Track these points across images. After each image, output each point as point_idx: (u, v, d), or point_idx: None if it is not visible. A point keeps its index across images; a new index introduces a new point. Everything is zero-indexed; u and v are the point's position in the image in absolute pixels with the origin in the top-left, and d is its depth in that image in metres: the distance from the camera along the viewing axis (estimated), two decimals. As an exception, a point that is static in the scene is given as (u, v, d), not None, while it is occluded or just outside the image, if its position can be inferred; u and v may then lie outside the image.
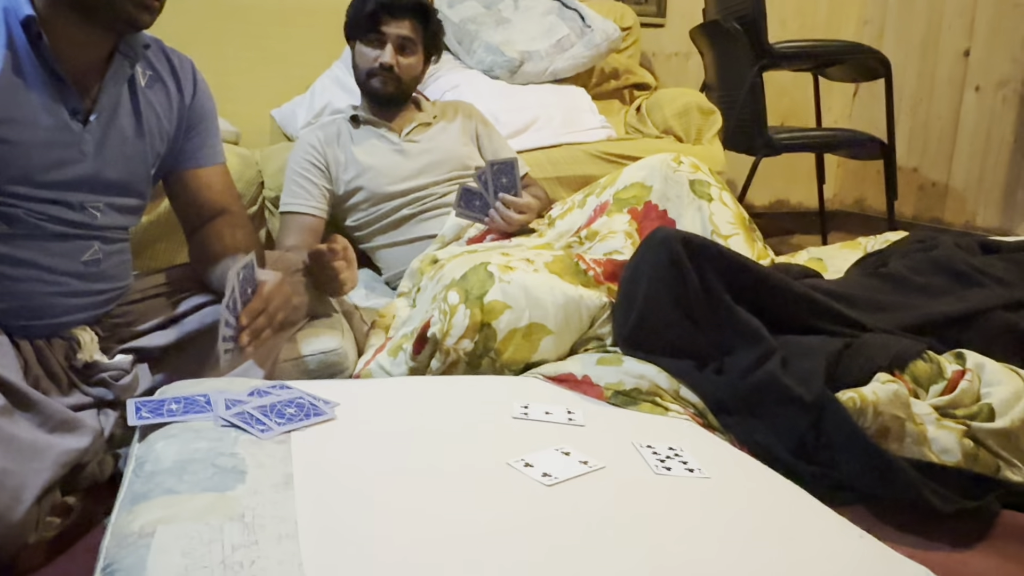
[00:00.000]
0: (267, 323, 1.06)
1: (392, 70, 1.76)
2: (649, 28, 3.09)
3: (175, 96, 1.21)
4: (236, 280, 1.01)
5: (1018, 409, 0.99)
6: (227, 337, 1.01)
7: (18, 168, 1.02)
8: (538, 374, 1.15)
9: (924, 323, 1.16)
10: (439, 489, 0.75)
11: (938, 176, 3.07)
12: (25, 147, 1.02)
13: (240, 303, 1.03)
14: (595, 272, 1.28)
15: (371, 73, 1.77)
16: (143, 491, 0.70)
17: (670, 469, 0.84)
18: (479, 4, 2.52)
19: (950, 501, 0.91)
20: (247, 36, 2.37)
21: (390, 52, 1.75)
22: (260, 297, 1.07)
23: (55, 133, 1.05)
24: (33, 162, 1.03)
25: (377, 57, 1.75)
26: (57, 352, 1.10)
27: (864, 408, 0.96)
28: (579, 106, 2.33)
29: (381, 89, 1.78)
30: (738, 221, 1.47)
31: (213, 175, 1.28)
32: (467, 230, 1.64)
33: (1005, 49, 2.79)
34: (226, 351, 1.01)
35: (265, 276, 1.10)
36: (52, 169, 1.05)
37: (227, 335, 1.01)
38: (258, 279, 1.08)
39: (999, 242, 1.46)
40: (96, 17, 1.03)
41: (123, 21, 1.04)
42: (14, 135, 1.01)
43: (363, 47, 1.77)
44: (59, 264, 1.09)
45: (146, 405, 0.87)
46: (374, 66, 1.76)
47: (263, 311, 1.06)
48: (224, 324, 1.00)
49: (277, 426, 0.85)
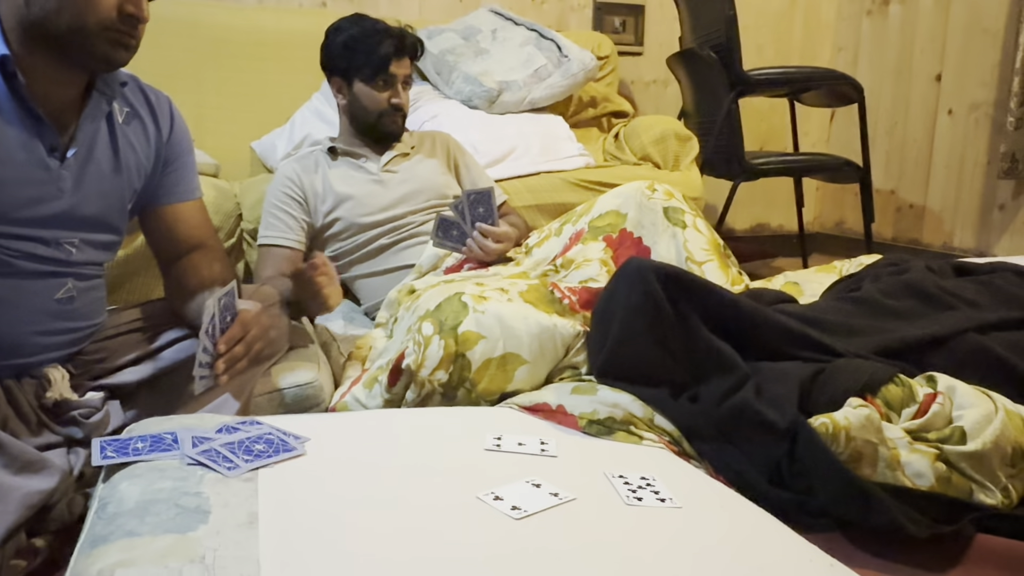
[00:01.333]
0: (244, 352, 1.06)
1: (402, 109, 1.80)
2: (627, 56, 3.13)
3: (152, 132, 1.22)
4: (216, 307, 1.01)
5: (989, 432, 0.99)
6: (203, 363, 1.01)
7: None
8: (513, 404, 1.14)
9: (896, 347, 1.17)
10: (407, 525, 0.75)
11: (915, 198, 3.11)
12: (2, 184, 1.02)
13: (219, 330, 1.03)
14: (570, 300, 1.28)
15: (383, 114, 1.79)
16: (104, 533, 0.69)
17: (641, 500, 0.84)
18: (457, 36, 2.55)
19: (924, 526, 0.91)
20: (226, 70, 2.38)
21: (402, 93, 1.79)
22: (239, 324, 1.06)
23: (32, 170, 1.05)
24: (10, 199, 1.02)
25: (389, 98, 1.78)
26: (27, 391, 1.09)
27: (836, 433, 0.96)
28: (557, 134, 2.36)
29: (394, 129, 1.82)
30: (712, 247, 1.48)
31: (189, 210, 1.28)
32: (444, 260, 1.65)
33: (976, 73, 2.85)
34: (201, 377, 1.01)
35: (245, 305, 1.10)
36: (29, 206, 1.04)
37: (204, 361, 1.01)
38: (238, 308, 1.08)
39: (972, 264, 1.47)
40: (71, 56, 1.04)
41: (98, 60, 1.04)
42: None
43: (369, 88, 1.77)
44: (32, 302, 1.08)
45: (111, 444, 0.86)
46: (386, 108, 1.78)
47: (241, 339, 1.06)
48: (202, 350, 1.00)
49: (244, 463, 0.84)
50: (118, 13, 1.01)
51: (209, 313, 1.00)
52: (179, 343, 1.23)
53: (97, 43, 1.02)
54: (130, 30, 1.03)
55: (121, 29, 1.02)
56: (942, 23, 2.96)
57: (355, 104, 1.80)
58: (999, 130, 2.76)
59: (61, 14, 1.00)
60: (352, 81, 1.78)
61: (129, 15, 1.02)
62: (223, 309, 1.03)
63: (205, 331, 1.00)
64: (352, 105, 1.81)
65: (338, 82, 1.81)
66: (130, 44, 1.05)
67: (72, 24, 1.00)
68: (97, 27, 1.01)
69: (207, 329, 1.00)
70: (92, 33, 1.01)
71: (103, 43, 1.02)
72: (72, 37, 1.01)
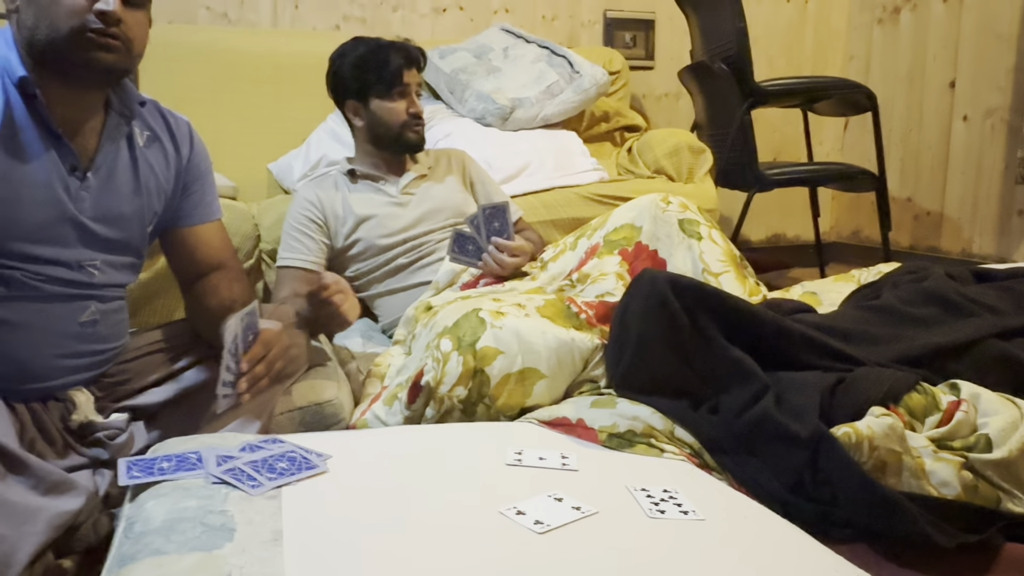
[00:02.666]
0: (266, 371, 1.08)
1: (420, 116, 1.82)
2: (638, 71, 3.15)
3: (172, 156, 1.23)
4: (239, 327, 1.03)
5: (1015, 439, 0.98)
6: (227, 382, 1.03)
7: (16, 226, 1.03)
8: (532, 419, 1.15)
9: (918, 355, 1.16)
10: (430, 541, 0.75)
11: (932, 205, 3.09)
12: (23, 204, 1.03)
13: (242, 349, 1.05)
14: (587, 315, 1.28)
15: (405, 125, 1.80)
16: (131, 552, 0.70)
17: (664, 512, 0.84)
18: (470, 54, 2.58)
19: (951, 535, 0.90)
20: (242, 93, 2.42)
21: (417, 101, 1.81)
22: (261, 343, 1.08)
23: (53, 190, 1.06)
24: (30, 217, 1.04)
25: (407, 108, 1.79)
26: (53, 414, 1.11)
27: (859, 443, 0.95)
28: (571, 150, 2.37)
29: (417, 138, 1.83)
30: (728, 258, 1.48)
31: (210, 232, 1.30)
32: (461, 276, 1.65)
33: (990, 79, 2.83)
34: (224, 396, 1.03)
35: (266, 324, 1.12)
36: (49, 225, 1.06)
37: (227, 380, 1.03)
38: (259, 327, 1.10)
39: (992, 270, 1.46)
40: (66, 65, 1.04)
41: (81, 65, 1.04)
42: (12, 193, 1.03)
43: (386, 103, 1.78)
44: (57, 326, 1.09)
45: (137, 464, 0.87)
46: (406, 118, 1.80)
47: (263, 358, 1.07)
48: (225, 369, 1.02)
49: (268, 481, 0.84)
50: (89, 11, 1.01)
51: (232, 333, 1.02)
52: (200, 364, 1.25)
53: (75, 48, 1.02)
54: (105, 28, 1.02)
55: (95, 30, 1.02)
56: (954, 29, 2.95)
57: (375, 122, 1.81)
58: (1015, 135, 2.74)
59: (39, 26, 1.02)
60: (368, 100, 1.80)
61: (100, 13, 1.01)
62: (245, 328, 1.05)
63: (228, 350, 1.01)
64: (372, 124, 1.82)
65: (353, 105, 1.82)
66: (110, 45, 1.04)
67: (50, 34, 1.01)
68: (72, 32, 1.01)
69: (230, 348, 1.02)
70: (69, 39, 1.01)
71: (81, 47, 1.02)
72: (53, 47, 1.02)
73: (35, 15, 1.02)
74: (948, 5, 2.97)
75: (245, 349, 1.06)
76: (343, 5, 2.81)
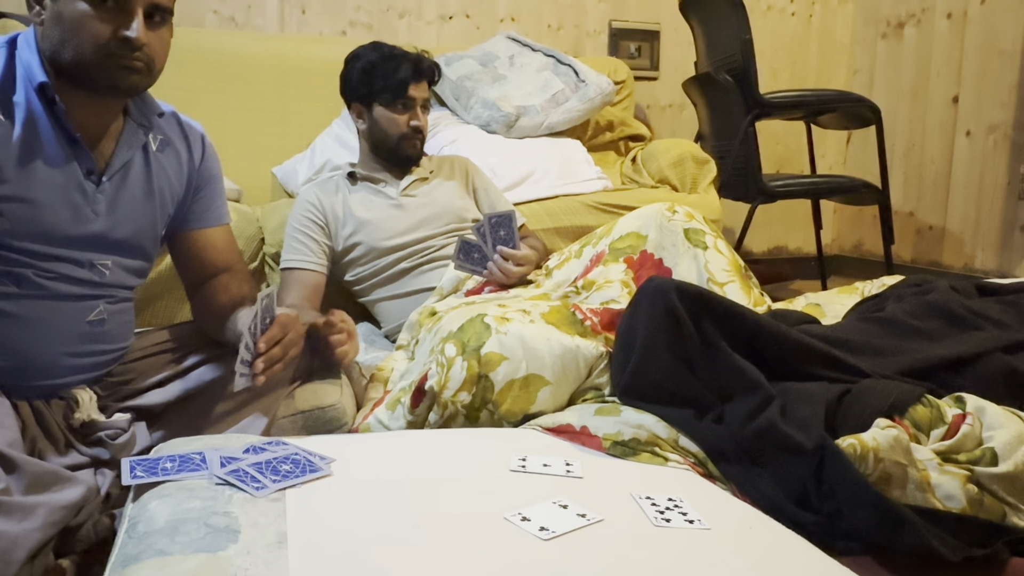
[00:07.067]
0: (282, 354, 1.09)
1: (421, 131, 1.82)
2: (643, 81, 3.16)
3: (185, 159, 1.25)
4: (259, 306, 1.05)
5: (1021, 452, 0.98)
6: (244, 361, 1.04)
7: (33, 225, 1.05)
8: (536, 426, 1.14)
9: (922, 367, 1.16)
10: (435, 545, 0.74)
11: (935, 219, 3.09)
12: (40, 205, 1.05)
13: (260, 329, 1.07)
14: (592, 322, 1.28)
15: (404, 137, 1.81)
16: (134, 553, 0.69)
17: (669, 521, 0.83)
18: (475, 62, 2.58)
19: (957, 549, 0.89)
20: (248, 97, 2.42)
21: (422, 115, 1.81)
22: (279, 325, 1.09)
23: (69, 192, 1.08)
24: (47, 218, 1.06)
25: (408, 121, 1.79)
26: (55, 412, 1.11)
27: (864, 454, 0.95)
28: (575, 158, 2.37)
29: (414, 152, 1.84)
30: (734, 268, 1.48)
31: (218, 235, 1.31)
32: (465, 282, 1.65)
33: (993, 95, 2.84)
34: (241, 375, 1.04)
35: (283, 311, 1.13)
36: (65, 226, 1.08)
37: (245, 359, 1.04)
38: (276, 312, 1.11)
39: (996, 284, 1.46)
40: (91, 84, 1.06)
41: (105, 86, 1.06)
42: (30, 193, 1.04)
43: (389, 112, 1.79)
44: (65, 324, 1.10)
45: (141, 464, 0.87)
46: (406, 131, 1.80)
47: (280, 341, 1.08)
48: (244, 347, 1.04)
49: (272, 483, 0.84)
50: (114, 38, 1.03)
51: (254, 311, 1.04)
52: (205, 365, 1.24)
53: (100, 70, 1.04)
54: (129, 53, 1.04)
55: (120, 53, 1.03)
56: (958, 45, 2.96)
57: (375, 128, 1.82)
58: (1018, 151, 2.75)
59: (65, 47, 1.03)
60: (372, 106, 1.81)
61: (124, 39, 1.03)
62: (264, 311, 1.07)
63: (248, 328, 1.03)
64: (372, 129, 1.83)
65: (358, 108, 1.83)
66: (135, 67, 1.05)
67: (75, 55, 1.03)
68: (97, 55, 1.03)
69: (251, 327, 1.03)
70: (94, 61, 1.03)
71: (106, 69, 1.04)
72: (78, 67, 1.04)
73: (61, 34, 1.03)
74: (952, 21, 2.98)
75: (263, 331, 1.07)
76: (350, 11, 2.83)
